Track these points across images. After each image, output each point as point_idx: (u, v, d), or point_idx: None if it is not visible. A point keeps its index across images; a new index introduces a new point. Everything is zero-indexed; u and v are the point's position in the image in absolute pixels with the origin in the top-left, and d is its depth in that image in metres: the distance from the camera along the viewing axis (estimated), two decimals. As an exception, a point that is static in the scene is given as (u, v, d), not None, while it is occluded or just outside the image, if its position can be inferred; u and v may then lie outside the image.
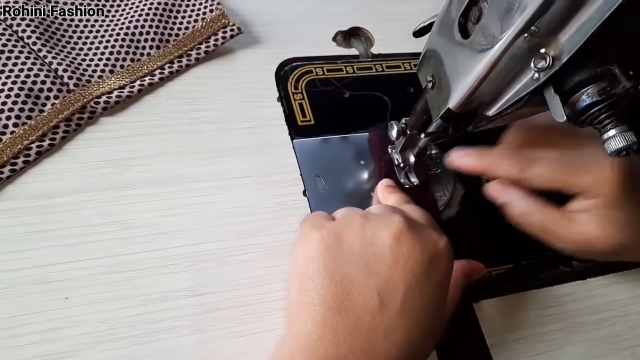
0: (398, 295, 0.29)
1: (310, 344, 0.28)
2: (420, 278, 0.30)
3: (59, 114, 0.39)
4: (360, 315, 0.28)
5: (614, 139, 0.26)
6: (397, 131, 0.41)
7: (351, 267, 0.30)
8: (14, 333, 0.32)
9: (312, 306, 0.29)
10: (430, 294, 0.30)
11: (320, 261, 0.30)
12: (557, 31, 0.26)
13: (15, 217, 0.36)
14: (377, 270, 0.29)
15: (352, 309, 0.29)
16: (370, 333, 0.28)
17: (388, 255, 0.30)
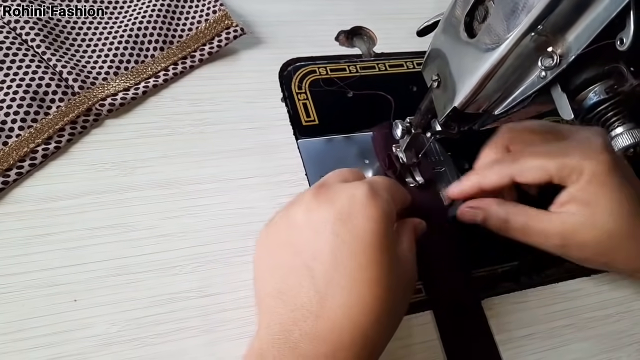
0: (326, 259, 0.29)
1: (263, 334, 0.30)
2: (344, 234, 0.29)
3: (65, 117, 0.39)
4: (296, 292, 0.29)
5: (622, 136, 0.27)
6: (402, 130, 0.41)
7: (282, 255, 0.31)
8: (22, 336, 0.32)
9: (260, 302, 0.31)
10: (361, 248, 0.29)
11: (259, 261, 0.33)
12: (564, 30, 0.26)
13: (21, 220, 0.36)
14: (301, 247, 0.30)
15: (289, 290, 0.29)
16: (309, 303, 0.28)
17: (305, 229, 0.30)
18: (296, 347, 0.28)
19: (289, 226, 0.31)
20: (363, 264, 0.29)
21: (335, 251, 0.29)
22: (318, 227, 0.30)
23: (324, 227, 0.29)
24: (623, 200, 0.36)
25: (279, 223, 0.33)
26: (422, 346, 0.38)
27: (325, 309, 0.28)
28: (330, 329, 0.28)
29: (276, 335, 0.29)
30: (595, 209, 0.36)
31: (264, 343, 0.29)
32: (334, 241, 0.29)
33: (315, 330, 0.28)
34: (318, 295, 0.28)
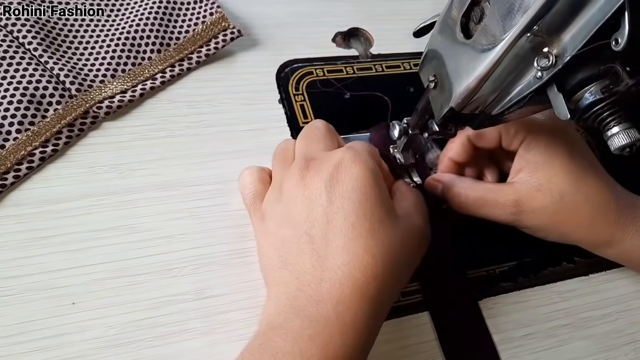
0: (322, 224, 0.31)
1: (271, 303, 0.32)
2: (334, 199, 0.31)
3: (62, 120, 0.39)
4: (299, 259, 0.31)
5: (618, 136, 0.27)
6: (399, 131, 0.41)
7: (282, 230, 0.33)
8: (21, 340, 0.32)
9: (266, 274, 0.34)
10: (351, 206, 0.31)
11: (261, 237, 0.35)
12: (559, 30, 0.26)
13: (19, 223, 0.36)
14: (299, 218, 0.32)
15: (292, 259, 0.31)
16: (312, 267, 0.30)
17: (300, 202, 0.32)
18: (302, 311, 0.29)
19: (285, 202, 0.33)
20: (354, 221, 0.30)
21: (330, 215, 0.31)
22: (312, 198, 0.32)
23: (318, 197, 0.31)
24: (573, 161, 0.36)
25: (273, 202, 0.35)
26: (420, 347, 0.38)
27: (326, 271, 0.30)
28: (331, 288, 0.29)
29: (282, 303, 0.30)
30: (546, 171, 0.36)
31: (271, 312, 0.31)
32: (328, 207, 0.31)
33: (319, 292, 0.29)
34: (320, 259, 0.30)
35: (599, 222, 0.37)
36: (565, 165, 0.36)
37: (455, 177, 0.41)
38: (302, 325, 0.28)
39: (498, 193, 0.38)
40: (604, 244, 0.38)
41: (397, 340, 0.38)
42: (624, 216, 0.37)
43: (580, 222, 0.37)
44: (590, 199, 0.36)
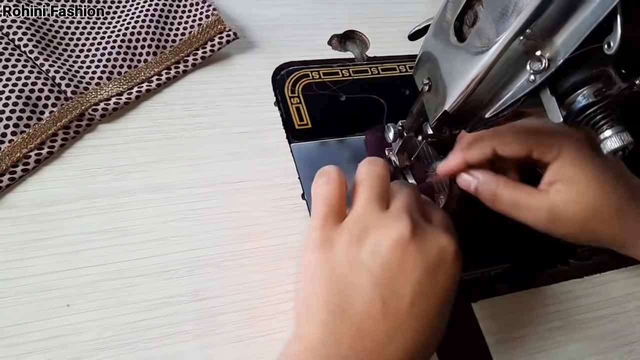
0: (404, 303, 0.30)
1: (314, 345, 0.29)
2: (426, 285, 0.30)
3: (57, 122, 0.39)
4: (364, 322, 0.29)
5: (610, 139, 0.27)
6: (394, 133, 0.41)
7: (357, 276, 0.30)
8: (15, 342, 0.32)
9: (317, 309, 0.30)
10: (436, 299, 0.31)
11: (328, 268, 0.31)
12: (552, 34, 0.26)
13: (15, 226, 0.36)
14: (382, 280, 0.30)
15: (356, 315, 0.29)
16: (373, 337, 0.29)
17: (394, 266, 0.30)
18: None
19: (369, 251, 0.31)
20: (431, 313, 0.31)
21: (414, 296, 0.30)
22: (406, 269, 0.30)
23: (412, 272, 0.30)
24: (605, 178, 0.36)
25: (355, 240, 0.31)
26: (415, 348, 0.38)
27: (387, 349, 0.29)
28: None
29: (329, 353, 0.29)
30: (579, 187, 0.36)
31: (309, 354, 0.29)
32: (415, 287, 0.30)
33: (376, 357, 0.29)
34: (386, 334, 0.29)
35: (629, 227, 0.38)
36: (598, 182, 0.36)
37: (491, 174, 0.39)
38: None
39: (533, 199, 0.37)
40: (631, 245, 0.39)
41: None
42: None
43: (611, 231, 0.38)
44: (621, 209, 0.37)
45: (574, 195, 0.36)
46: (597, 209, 0.36)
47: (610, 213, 0.37)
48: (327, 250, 0.31)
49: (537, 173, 0.40)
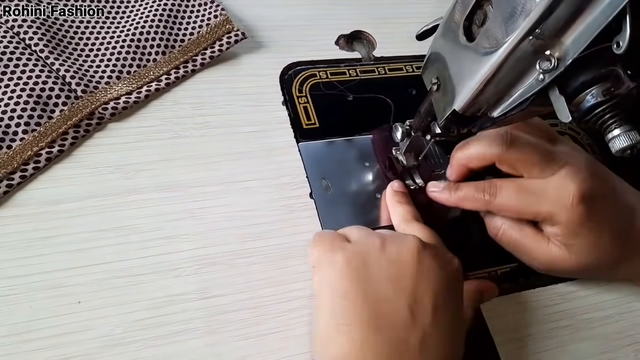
0: (427, 309, 0.31)
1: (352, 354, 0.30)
2: (444, 292, 0.32)
3: (68, 121, 0.39)
4: (396, 331, 0.30)
5: (619, 138, 0.27)
6: (402, 133, 0.41)
7: (382, 286, 0.31)
8: (27, 338, 0.32)
9: (347, 326, 0.30)
10: (453, 308, 0.32)
11: (352, 281, 0.31)
12: (561, 33, 0.26)
13: (26, 223, 0.36)
14: (404, 287, 0.31)
15: (387, 325, 0.30)
16: (406, 347, 0.30)
17: (413, 271, 0.32)
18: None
19: (390, 260, 0.32)
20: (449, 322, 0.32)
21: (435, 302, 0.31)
22: (424, 277, 0.32)
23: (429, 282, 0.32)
24: (600, 241, 0.38)
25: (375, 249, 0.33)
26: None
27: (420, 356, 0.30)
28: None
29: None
30: (574, 249, 0.38)
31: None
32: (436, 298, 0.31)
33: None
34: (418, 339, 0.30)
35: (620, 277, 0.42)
36: (593, 247, 0.38)
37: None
38: None
39: (534, 244, 0.39)
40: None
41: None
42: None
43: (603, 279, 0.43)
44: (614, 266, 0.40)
45: (571, 257, 0.38)
46: (592, 267, 0.39)
47: (603, 270, 0.40)
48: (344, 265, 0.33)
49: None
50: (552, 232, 0.38)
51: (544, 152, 0.38)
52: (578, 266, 0.38)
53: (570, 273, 0.40)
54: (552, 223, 0.37)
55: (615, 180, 0.41)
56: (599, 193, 0.37)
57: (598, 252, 0.38)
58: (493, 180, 0.39)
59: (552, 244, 0.38)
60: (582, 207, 0.36)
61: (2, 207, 0.36)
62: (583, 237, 0.37)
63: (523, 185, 0.38)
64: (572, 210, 0.36)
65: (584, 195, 0.36)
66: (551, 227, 0.38)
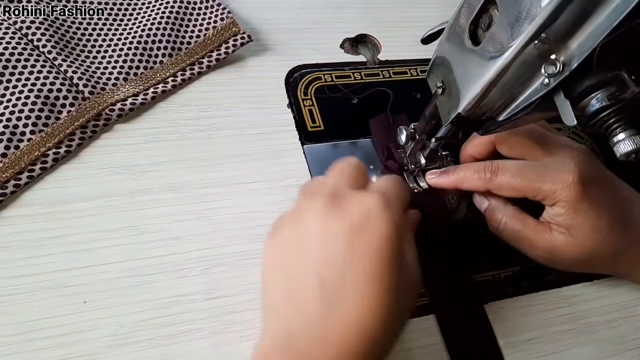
0: (336, 269, 0.29)
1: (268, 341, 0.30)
2: (355, 247, 0.29)
3: (75, 122, 0.40)
4: (305, 299, 0.29)
5: (624, 142, 0.27)
6: (406, 136, 0.41)
7: (291, 262, 0.30)
8: (33, 337, 0.33)
9: (267, 308, 0.31)
10: (371, 260, 0.29)
11: (268, 268, 0.32)
12: (566, 38, 0.26)
13: (32, 223, 0.36)
14: (312, 255, 0.30)
15: (297, 296, 0.29)
16: (318, 311, 0.28)
17: (317, 238, 0.30)
18: (304, 353, 0.28)
19: (300, 233, 0.31)
20: (372, 276, 0.29)
21: (347, 263, 0.29)
22: (330, 238, 0.30)
23: (336, 238, 0.29)
24: (603, 226, 0.38)
25: (288, 229, 0.32)
26: (426, 349, 0.38)
27: (334, 317, 0.28)
28: (339, 336, 0.28)
29: (283, 341, 0.29)
30: (576, 232, 0.38)
31: (269, 347, 0.29)
32: (345, 253, 0.29)
33: (324, 336, 0.28)
34: (328, 304, 0.29)
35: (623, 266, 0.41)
36: (594, 228, 0.38)
37: (502, 202, 0.41)
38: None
39: (535, 234, 0.39)
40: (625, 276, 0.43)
41: (403, 342, 0.38)
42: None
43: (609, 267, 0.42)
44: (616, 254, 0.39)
45: (573, 240, 0.38)
46: (594, 253, 0.38)
47: (605, 257, 0.39)
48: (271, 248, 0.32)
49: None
50: (553, 212, 0.38)
51: (542, 135, 0.39)
52: (581, 251, 0.38)
53: (573, 261, 0.39)
54: (553, 201, 0.37)
55: (612, 174, 0.41)
56: (597, 176, 0.38)
57: (599, 235, 0.38)
58: (493, 161, 0.39)
59: (554, 231, 0.38)
60: (582, 185, 0.37)
61: (9, 207, 0.37)
62: (583, 216, 0.37)
63: (523, 164, 0.39)
64: (573, 187, 0.37)
65: (583, 174, 0.37)
66: (552, 207, 0.38)
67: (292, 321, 0.29)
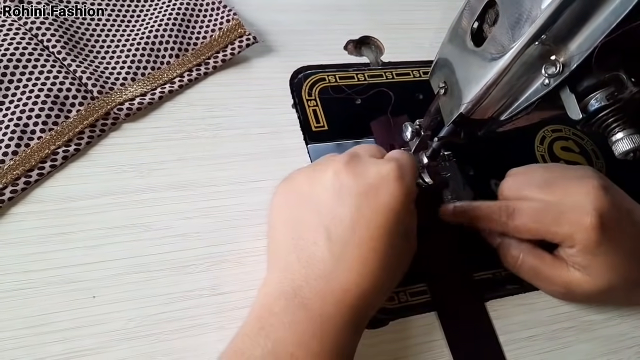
0: (344, 226, 0.31)
1: (274, 286, 0.31)
2: (365, 209, 0.31)
3: (84, 120, 0.41)
4: (312, 250, 0.31)
5: (622, 141, 0.28)
6: (411, 132, 0.42)
7: (302, 210, 0.32)
8: (43, 330, 0.33)
9: (273, 253, 0.33)
10: (378, 221, 0.31)
11: (277, 210, 0.34)
12: (566, 39, 0.27)
13: (42, 219, 0.37)
14: (323, 207, 0.32)
15: (304, 245, 0.31)
16: (323, 264, 0.30)
17: (330, 192, 0.32)
18: (304, 302, 0.30)
19: (314, 184, 0.33)
20: (376, 236, 0.31)
21: (354, 220, 0.31)
22: (342, 193, 0.32)
23: (349, 195, 0.31)
24: (617, 260, 0.38)
25: (304, 178, 0.34)
26: (427, 346, 0.39)
27: (336, 272, 0.30)
28: (338, 290, 0.30)
29: (286, 288, 0.31)
30: (593, 272, 0.38)
31: (271, 293, 0.31)
32: (355, 211, 0.31)
33: (325, 289, 0.30)
34: (332, 257, 0.30)
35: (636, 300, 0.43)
36: (612, 268, 0.38)
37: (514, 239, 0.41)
38: (306, 319, 0.29)
39: (552, 270, 0.39)
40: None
41: (405, 339, 0.39)
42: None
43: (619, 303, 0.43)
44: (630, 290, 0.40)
45: (590, 278, 0.38)
46: (611, 289, 0.39)
47: (622, 290, 0.40)
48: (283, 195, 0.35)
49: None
50: (570, 253, 0.38)
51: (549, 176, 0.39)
52: (596, 288, 0.38)
53: (589, 297, 0.40)
54: (570, 244, 0.37)
55: (630, 201, 0.40)
56: (615, 213, 0.37)
57: (615, 272, 0.38)
58: (509, 203, 0.39)
59: (571, 268, 0.38)
60: (599, 229, 0.36)
61: (20, 204, 0.37)
62: (601, 257, 0.37)
63: (539, 206, 0.38)
64: (590, 232, 0.36)
65: (602, 216, 0.36)
66: (569, 248, 0.37)
67: (296, 271, 0.31)
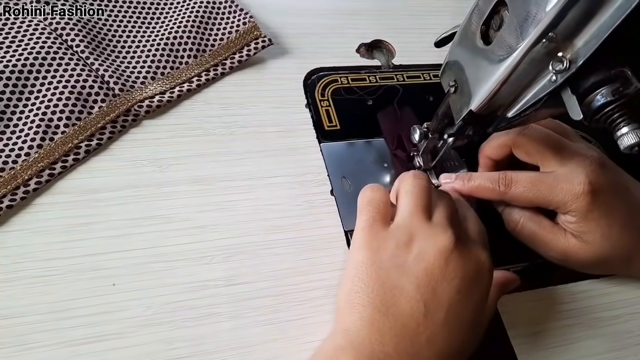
0: (442, 308, 0.32)
1: (359, 340, 0.31)
2: (463, 294, 0.33)
3: (106, 116, 0.42)
4: (406, 322, 0.31)
5: (627, 135, 0.29)
6: (420, 135, 0.43)
7: (402, 279, 0.32)
8: (66, 316, 0.35)
9: (362, 307, 0.32)
10: (470, 308, 0.33)
11: (374, 269, 0.33)
12: (573, 36, 0.28)
13: (66, 210, 0.38)
14: (425, 284, 0.32)
15: (399, 314, 0.32)
16: (415, 339, 0.31)
17: (436, 272, 0.33)
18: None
19: (414, 257, 0.33)
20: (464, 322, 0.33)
21: (452, 304, 0.32)
22: (447, 276, 0.33)
23: (452, 280, 0.33)
24: (611, 230, 0.39)
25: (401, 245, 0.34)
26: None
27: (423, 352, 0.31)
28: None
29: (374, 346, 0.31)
30: (587, 238, 0.39)
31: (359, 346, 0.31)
32: (454, 296, 0.32)
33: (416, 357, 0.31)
34: (425, 336, 0.31)
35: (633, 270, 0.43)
36: (605, 235, 0.39)
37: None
38: None
39: (551, 235, 0.41)
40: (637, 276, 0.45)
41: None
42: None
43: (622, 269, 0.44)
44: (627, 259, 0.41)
45: (585, 245, 0.40)
46: (606, 258, 0.40)
47: (617, 261, 0.41)
48: (374, 250, 0.34)
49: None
50: (565, 219, 0.40)
51: (557, 141, 0.41)
52: (592, 256, 0.40)
53: (586, 265, 0.41)
54: (564, 211, 0.39)
55: (628, 178, 0.42)
56: (608, 184, 0.39)
57: (610, 241, 0.39)
58: (507, 172, 0.41)
59: (568, 234, 0.40)
60: (591, 196, 0.38)
61: (44, 195, 0.39)
62: (594, 224, 0.39)
63: (536, 176, 0.40)
64: (582, 198, 0.38)
65: (593, 185, 0.38)
66: (564, 215, 0.39)
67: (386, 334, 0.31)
